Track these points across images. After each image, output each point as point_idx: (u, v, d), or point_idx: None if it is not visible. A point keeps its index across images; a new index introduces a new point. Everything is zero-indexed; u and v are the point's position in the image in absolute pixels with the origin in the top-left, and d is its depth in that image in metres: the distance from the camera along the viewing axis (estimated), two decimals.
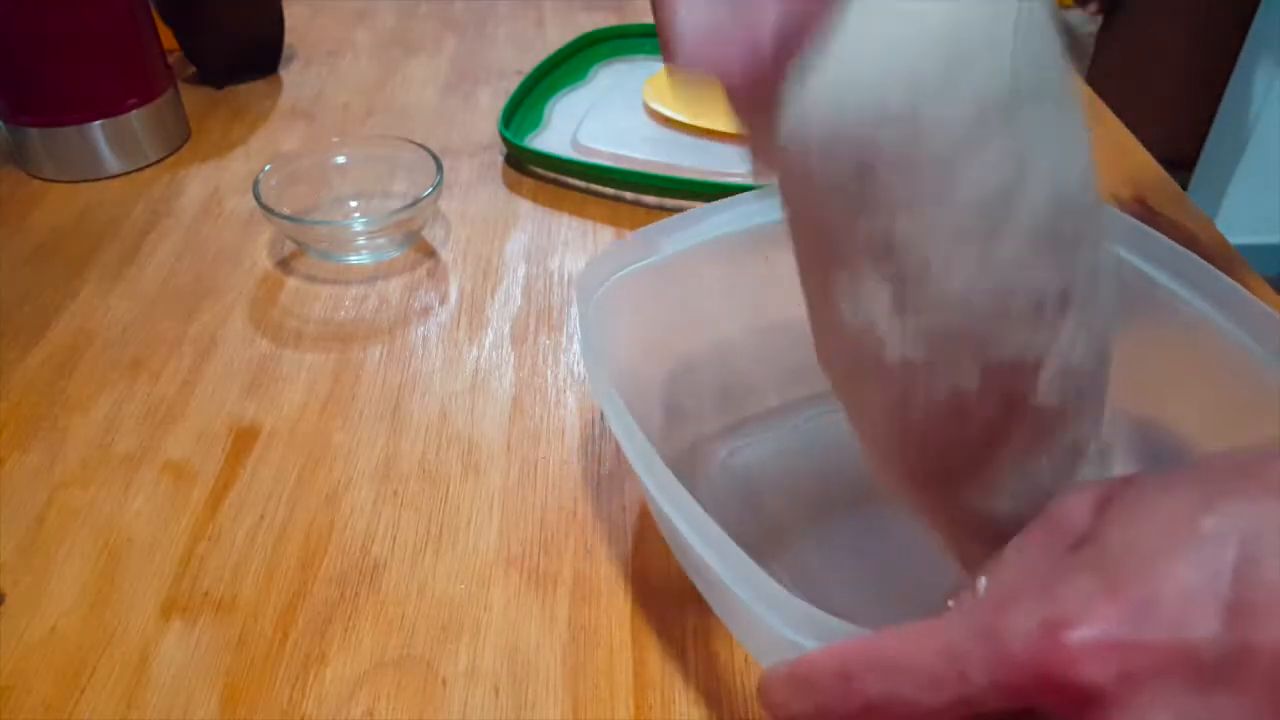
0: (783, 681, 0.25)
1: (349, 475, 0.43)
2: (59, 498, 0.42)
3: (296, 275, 0.55)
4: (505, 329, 0.51)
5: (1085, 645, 0.20)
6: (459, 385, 0.48)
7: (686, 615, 0.37)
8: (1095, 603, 0.21)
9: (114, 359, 0.50)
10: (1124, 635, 0.20)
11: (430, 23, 0.84)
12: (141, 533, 0.41)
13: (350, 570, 0.39)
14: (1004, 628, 0.21)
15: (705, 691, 0.35)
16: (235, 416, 0.46)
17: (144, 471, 0.43)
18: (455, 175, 0.63)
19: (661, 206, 0.60)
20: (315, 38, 0.82)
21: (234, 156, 0.66)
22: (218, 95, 0.73)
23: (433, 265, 0.56)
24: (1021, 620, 0.21)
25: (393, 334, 0.51)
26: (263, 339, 0.51)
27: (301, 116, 0.71)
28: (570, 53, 0.73)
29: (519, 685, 0.35)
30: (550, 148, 0.64)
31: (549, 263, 0.56)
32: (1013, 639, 0.21)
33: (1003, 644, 0.21)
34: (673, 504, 0.29)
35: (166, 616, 0.37)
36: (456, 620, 0.37)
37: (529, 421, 0.46)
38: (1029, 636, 0.21)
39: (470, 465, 0.43)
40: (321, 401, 0.47)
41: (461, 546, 0.40)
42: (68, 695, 0.35)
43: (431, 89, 0.74)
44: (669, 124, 0.67)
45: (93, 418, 0.46)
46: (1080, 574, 0.22)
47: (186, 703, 0.35)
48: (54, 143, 0.62)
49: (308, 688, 0.35)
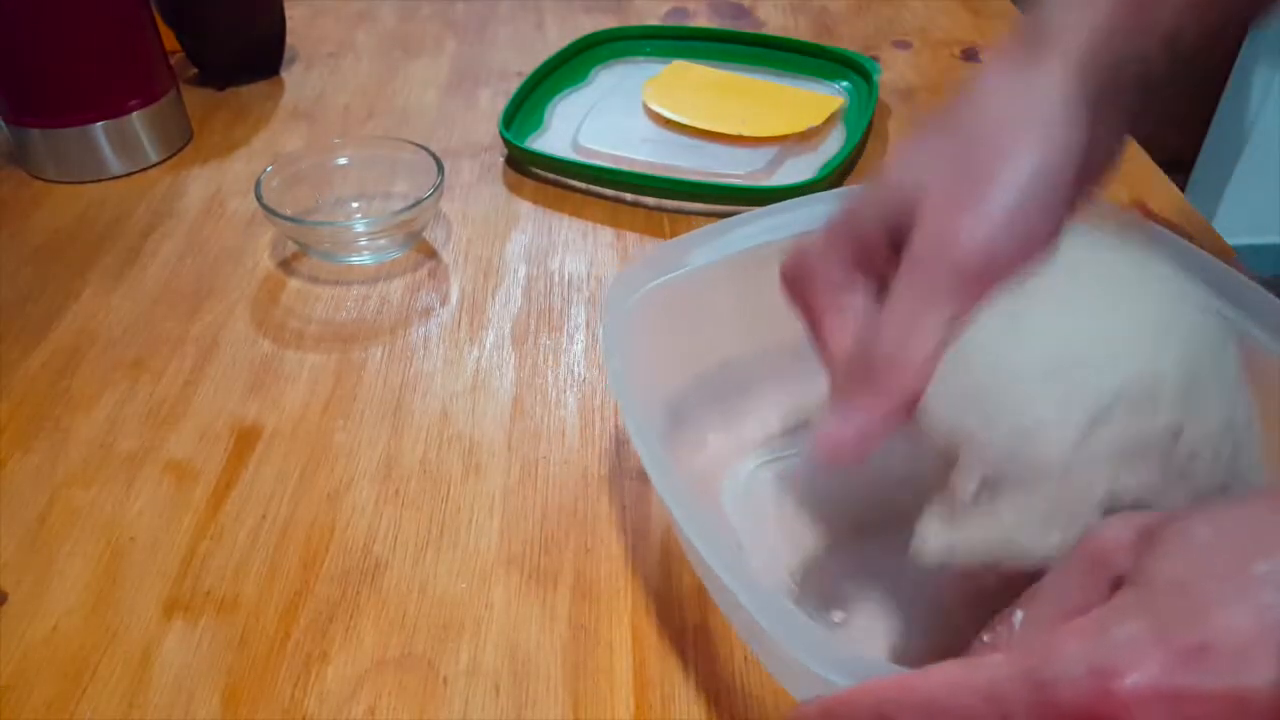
0: (815, 718, 0.25)
1: (350, 475, 0.43)
2: (61, 497, 0.42)
3: (298, 276, 0.56)
4: (506, 329, 0.51)
5: (1137, 693, 0.20)
6: (460, 385, 0.48)
7: (686, 615, 0.37)
8: (1146, 648, 0.20)
9: (116, 359, 0.50)
10: (1176, 683, 0.19)
11: (431, 24, 0.84)
12: (143, 532, 0.41)
13: (352, 569, 0.39)
14: (1051, 672, 0.21)
15: (705, 691, 0.35)
16: (237, 416, 0.46)
17: (146, 471, 0.43)
18: (456, 176, 0.64)
19: (661, 208, 0.60)
20: (316, 39, 0.82)
21: (236, 157, 0.67)
22: (219, 96, 0.74)
23: (434, 266, 0.56)
24: (1069, 665, 0.21)
25: (394, 334, 0.51)
26: (264, 339, 0.51)
27: (303, 117, 0.71)
28: (570, 54, 0.74)
29: (519, 684, 0.35)
30: (550, 149, 0.64)
31: (549, 263, 0.56)
32: (1061, 685, 0.20)
33: (1050, 690, 0.21)
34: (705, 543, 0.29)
35: (168, 616, 0.38)
36: (457, 619, 0.37)
37: (529, 421, 0.46)
38: (1077, 683, 0.20)
39: (471, 465, 0.44)
40: (323, 401, 0.47)
41: (462, 546, 0.40)
42: (69, 694, 0.35)
43: (432, 90, 0.74)
44: (669, 125, 0.67)
45: (95, 417, 0.46)
46: (1129, 617, 0.21)
47: (188, 702, 0.35)
48: (56, 143, 0.63)
49: (309, 686, 0.35)
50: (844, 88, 0.71)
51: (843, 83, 0.71)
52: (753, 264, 0.40)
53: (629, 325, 0.37)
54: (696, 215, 0.59)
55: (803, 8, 0.85)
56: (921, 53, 0.78)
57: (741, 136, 0.64)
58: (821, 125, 0.66)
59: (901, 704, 0.23)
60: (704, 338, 0.41)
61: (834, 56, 0.72)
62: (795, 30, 0.81)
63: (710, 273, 0.40)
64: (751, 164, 0.62)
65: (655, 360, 0.38)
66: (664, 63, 0.74)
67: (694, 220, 0.59)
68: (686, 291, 0.40)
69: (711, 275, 0.40)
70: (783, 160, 0.63)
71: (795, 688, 0.29)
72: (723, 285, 0.40)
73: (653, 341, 0.38)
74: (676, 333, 0.40)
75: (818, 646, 0.26)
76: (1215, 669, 0.19)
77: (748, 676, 0.35)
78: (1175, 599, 0.21)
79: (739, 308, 0.41)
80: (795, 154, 0.64)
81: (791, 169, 0.63)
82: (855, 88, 0.70)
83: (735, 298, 0.41)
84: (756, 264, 0.40)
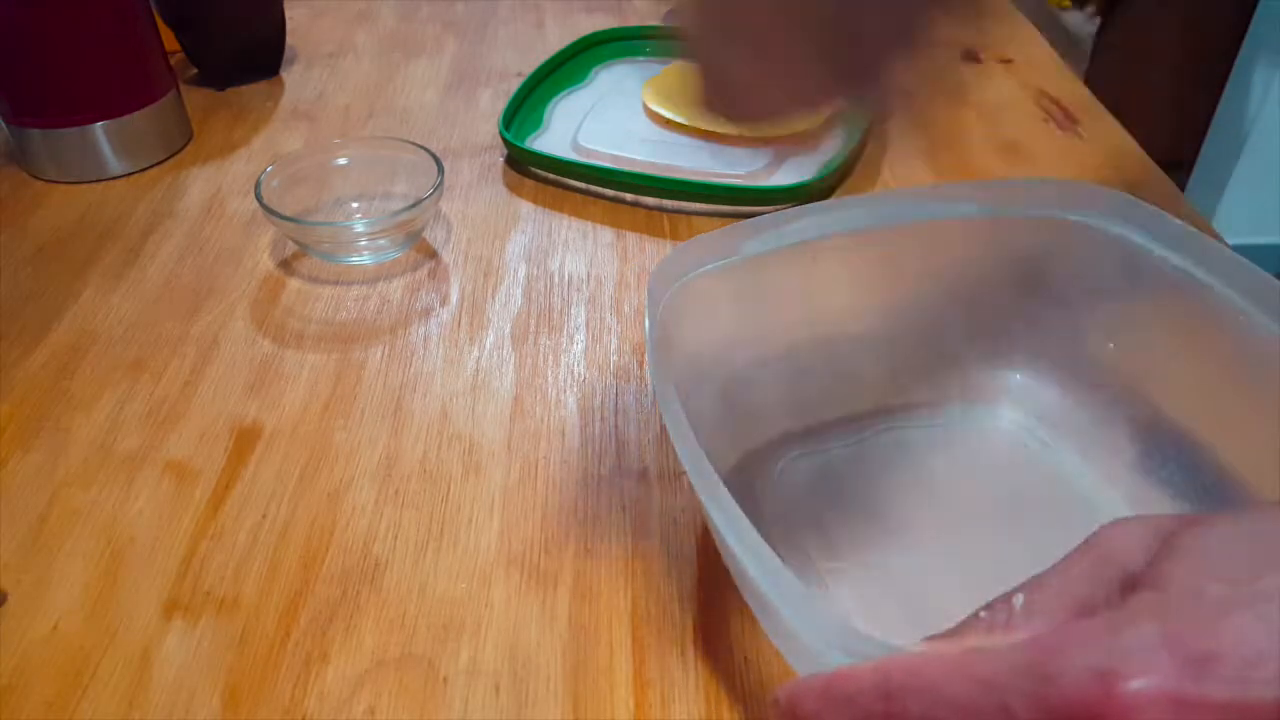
0: (818, 692, 0.25)
1: (350, 475, 0.43)
2: (61, 497, 0.42)
3: (298, 276, 0.56)
4: (506, 329, 0.51)
5: (1142, 696, 0.19)
6: (460, 385, 0.48)
7: (686, 615, 0.37)
8: (1155, 653, 0.20)
9: (116, 359, 0.50)
10: (1182, 689, 0.19)
11: (431, 25, 0.84)
12: (144, 532, 0.41)
13: (352, 569, 0.39)
14: (1056, 667, 0.21)
15: (705, 691, 0.35)
16: (237, 416, 0.46)
17: (146, 471, 0.44)
18: (456, 176, 0.64)
19: (661, 208, 0.60)
20: (316, 39, 0.82)
21: (236, 158, 0.67)
22: (219, 96, 0.74)
23: (434, 266, 0.56)
24: (1075, 662, 0.20)
25: (394, 334, 0.51)
26: (264, 339, 0.51)
27: (303, 118, 0.71)
28: (570, 55, 0.74)
29: (519, 684, 0.35)
30: (550, 149, 0.64)
31: (549, 263, 0.56)
32: (1065, 682, 0.20)
33: (1053, 685, 0.20)
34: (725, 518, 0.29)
35: (168, 616, 0.38)
36: (457, 619, 0.37)
37: (530, 421, 0.46)
38: (1082, 681, 0.20)
39: (471, 465, 0.44)
40: (323, 401, 0.47)
41: (462, 546, 0.40)
42: (69, 694, 0.35)
43: (432, 91, 0.74)
44: (669, 126, 0.67)
45: (95, 418, 0.46)
46: (1139, 620, 0.21)
47: (188, 702, 0.35)
48: (56, 144, 0.63)
49: (309, 686, 0.35)
50: None
51: None
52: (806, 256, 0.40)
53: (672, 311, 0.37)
54: (696, 215, 0.60)
55: None
56: None
57: (741, 137, 0.65)
58: (821, 126, 0.66)
59: (905, 686, 0.23)
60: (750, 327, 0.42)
61: None
62: None
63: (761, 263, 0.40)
64: (751, 164, 0.62)
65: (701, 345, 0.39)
66: (664, 63, 0.74)
67: (694, 220, 0.59)
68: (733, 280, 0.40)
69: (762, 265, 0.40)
70: (782, 161, 0.63)
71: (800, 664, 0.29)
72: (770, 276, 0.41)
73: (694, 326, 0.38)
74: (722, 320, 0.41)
75: (822, 621, 0.26)
76: (1223, 678, 0.19)
77: (748, 676, 0.35)
78: (1187, 606, 0.21)
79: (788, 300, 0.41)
80: (795, 154, 0.64)
81: (791, 169, 0.63)
82: None
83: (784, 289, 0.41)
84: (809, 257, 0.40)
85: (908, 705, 0.23)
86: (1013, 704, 0.21)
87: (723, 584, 0.38)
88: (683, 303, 0.38)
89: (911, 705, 0.23)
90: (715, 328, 0.40)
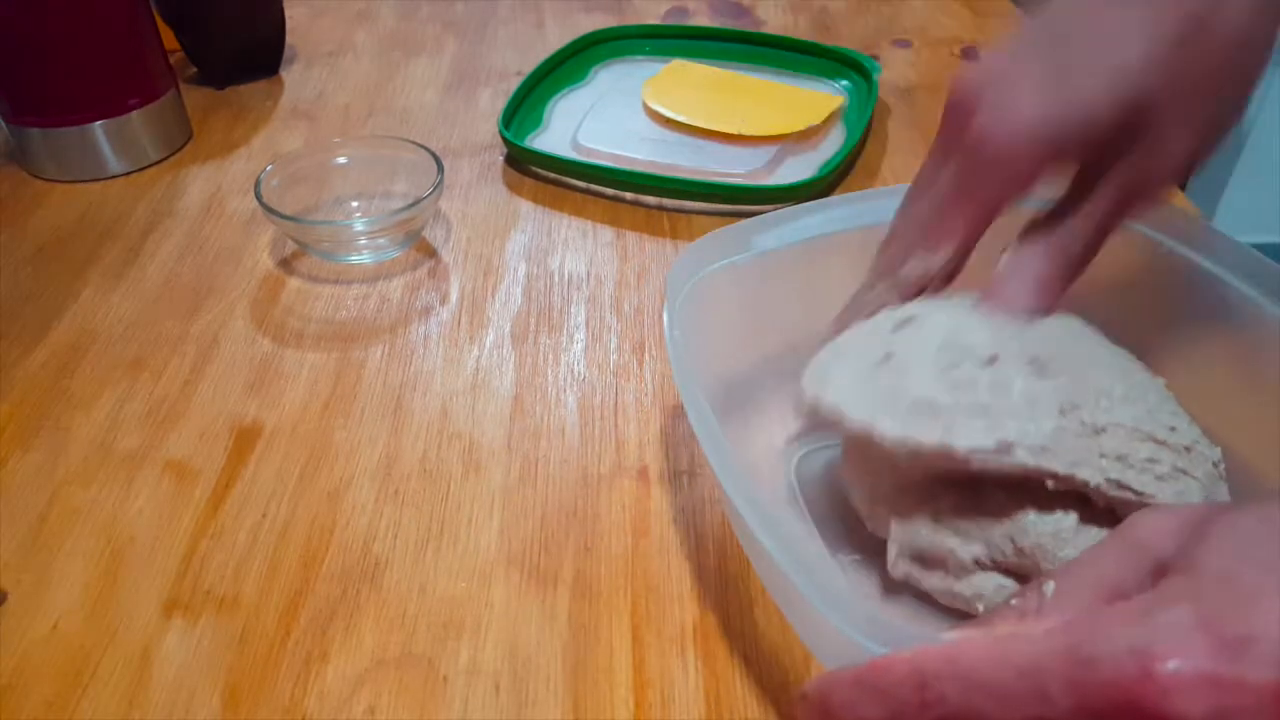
0: (850, 683, 0.25)
1: (350, 474, 0.43)
2: (61, 496, 0.42)
3: (298, 275, 0.56)
4: (506, 328, 0.51)
5: (1178, 678, 0.20)
6: (460, 384, 0.48)
7: (686, 615, 0.37)
8: (1191, 635, 0.20)
9: (116, 358, 0.50)
10: (1219, 671, 0.19)
11: (431, 24, 0.84)
12: (143, 531, 0.41)
13: (352, 568, 0.39)
14: (1093, 651, 0.21)
15: (705, 691, 0.35)
16: (237, 415, 0.46)
17: (146, 470, 0.43)
18: (456, 175, 0.64)
19: (661, 207, 0.60)
20: (316, 39, 0.82)
21: (235, 157, 0.67)
22: (219, 96, 0.74)
23: (433, 265, 0.56)
24: (1112, 645, 0.21)
25: (394, 333, 0.51)
26: (264, 338, 0.51)
27: (303, 117, 0.71)
28: (570, 53, 0.74)
29: (519, 683, 0.35)
30: (550, 148, 0.64)
31: (549, 262, 0.56)
32: (1102, 663, 0.20)
33: (1090, 667, 0.21)
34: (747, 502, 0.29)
35: (168, 615, 0.38)
36: (457, 618, 0.37)
37: (529, 420, 0.46)
38: (1119, 663, 0.20)
39: (471, 464, 0.44)
40: (323, 400, 0.47)
41: (462, 545, 0.40)
42: (69, 693, 0.35)
43: (432, 90, 0.74)
44: (668, 125, 0.67)
45: (95, 417, 0.46)
46: (1173, 603, 0.21)
47: (188, 701, 0.35)
48: (56, 143, 0.63)
49: (309, 685, 0.35)
50: (844, 87, 0.71)
51: (842, 82, 0.71)
52: (819, 252, 0.41)
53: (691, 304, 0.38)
54: (696, 214, 0.59)
55: (802, 7, 0.85)
56: (921, 52, 0.78)
57: (741, 135, 0.64)
58: (821, 124, 0.66)
59: (941, 674, 0.23)
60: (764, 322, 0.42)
61: (834, 55, 0.72)
62: (795, 29, 0.81)
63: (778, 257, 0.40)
64: (751, 163, 0.62)
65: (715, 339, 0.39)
66: (663, 62, 0.74)
67: (694, 219, 0.59)
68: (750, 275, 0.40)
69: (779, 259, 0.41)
70: (783, 159, 0.63)
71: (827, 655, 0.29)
72: (787, 272, 0.41)
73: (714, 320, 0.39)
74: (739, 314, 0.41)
75: (855, 611, 0.26)
76: (1259, 660, 0.19)
77: (748, 676, 0.35)
78: (1222, 589, 0.21)
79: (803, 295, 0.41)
80: (795, 153, 0.64)
81: (791, 168, 0.63)
82: (855, 87, 0.70)
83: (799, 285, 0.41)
84: (823, 252, 0.41)
85: (944, 693, 0.23)
86: (1050, 687, 0.21)
87: (723, 584, 0.38)
88: (695, 298, 0.38)
89: (948, 693, 0.22)
90: (724, 323, 0.40)
